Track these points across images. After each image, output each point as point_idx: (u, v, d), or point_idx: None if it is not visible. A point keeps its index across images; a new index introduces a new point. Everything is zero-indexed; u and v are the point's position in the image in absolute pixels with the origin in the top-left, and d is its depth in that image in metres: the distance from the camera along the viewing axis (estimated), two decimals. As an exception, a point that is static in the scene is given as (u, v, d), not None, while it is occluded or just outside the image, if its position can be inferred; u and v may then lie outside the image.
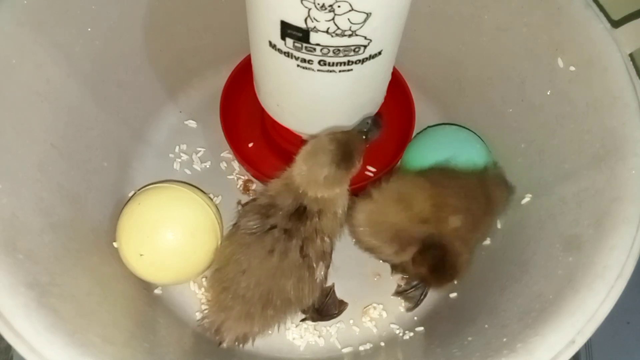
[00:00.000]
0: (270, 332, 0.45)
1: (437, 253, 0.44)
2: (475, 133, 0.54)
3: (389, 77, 0.44)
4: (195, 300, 0.51)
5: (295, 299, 0.43)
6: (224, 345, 0.44)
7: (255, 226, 0.43)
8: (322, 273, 0.45)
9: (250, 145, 0.57)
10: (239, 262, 0.43)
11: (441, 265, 0.44)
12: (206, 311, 0.46)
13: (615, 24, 0.44)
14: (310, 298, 0.45)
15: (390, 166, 0.55)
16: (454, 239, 0.44)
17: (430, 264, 0.44)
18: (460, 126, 0.56)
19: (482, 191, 0.47)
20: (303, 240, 0.43)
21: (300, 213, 0.43)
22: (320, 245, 0.44)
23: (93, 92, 0.49)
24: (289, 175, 0.44)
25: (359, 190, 0.56)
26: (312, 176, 0.42)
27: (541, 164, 0.48)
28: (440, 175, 0.47)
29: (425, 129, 0.57)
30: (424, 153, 0.53)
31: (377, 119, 0.45)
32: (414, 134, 0.56)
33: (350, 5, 0.32)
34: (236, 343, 0.45)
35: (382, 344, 0.50)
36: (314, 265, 0.43)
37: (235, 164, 0.57)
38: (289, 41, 0.36)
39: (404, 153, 0.55)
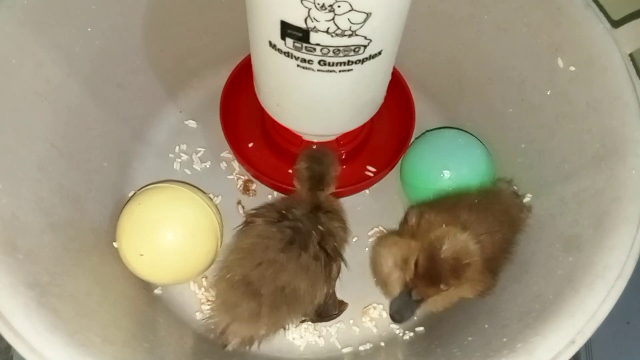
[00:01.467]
0: (275, 335, 0.45)
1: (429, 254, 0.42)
2: (475, 137, 0.54)
3: (389, 77, 0.44)
4: (195, 300, 0.51)
5: (307, 297, 0.42)
6: (229, 348, 0.43)
7: (272, 216, 0.43)
8: (335, 272, 0.45)
9: (250, 145, 0.57)
10: (252, 254, 0.42)
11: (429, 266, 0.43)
12: (211, 310, 0.45)
13: (615, 24, 0.44)
14: (319, 298, 0.44)
15: (390, 166, 0.55)
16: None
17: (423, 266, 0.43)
18: (460, 130, 0.55)
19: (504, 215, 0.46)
20: (321, 235, 0.43)
21: (318, 208, 0.44)
22: (332, 244, 0.44)
23: (93, 92, 0.49)
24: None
25: (359, 190, 0.56)
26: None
27: (541, 164, 0.48)
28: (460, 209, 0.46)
29: (423, 133, 0.57)
30: (423, 158, 0.53)
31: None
32: (413, 134, 0.56)
33: (350, 5, 0.32)
34: (241, 346, 0.43)
35: (382, 344, 0.50)
36: (331, 262, 0.43)
37: (235, 164, 0.57)
38: (289, 41, 0.36)
39: (403, 159, 0.55)
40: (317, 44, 0.35)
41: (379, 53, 0.38)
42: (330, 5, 0.32)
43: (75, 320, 0.37)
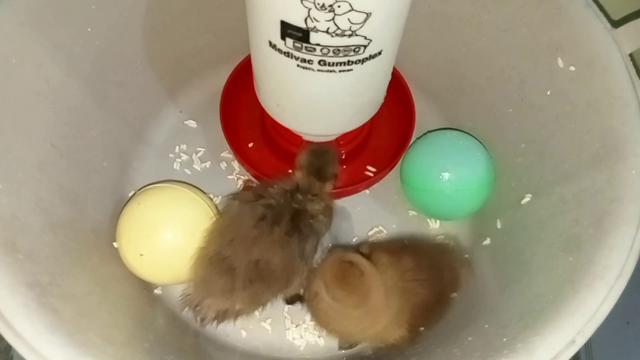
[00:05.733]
0: (252, 312, 0.45)
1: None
2: (476, 138, 0.54)
3: (389, 77, 0.44)
4: (195, 300, 0.51)
5: (282, 273, 0.43)
6: (205, 322, 0.43)
7: (249, 197, 0.44)
8: (309, 249, 0.45)
9: (250, 145, 0.57)
10: (226, 231, 0.43)
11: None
12: (188, 288, 0.46)
13: (615, 24, 0.44)
14: (299, 277, 0.44)
15: (390, 166, 0.55)
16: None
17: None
18: (461, 131, 0.55)
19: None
20: (294, 212, 0.43)
21: (295, 189, 0.44)
22: (307, 221, 0.44)
23: (93, 92, 0.49)
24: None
25: (359, 190, 0.56)
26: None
27: (541, 164, 0.48)
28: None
29: (425, 133, 0.57)
30: (423, 159, 0.53)
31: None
32: (414, 134, 0.56)
33: (350, 5, 0.32)
34: (216, 321, 0.44)
35: (382, 344, 0.50)
36: (305, 239, 0.44)
37: (235, 164, 0.57)
38: (289, 41, 0.36)
39: (403, 159, 0.55)
40: (317, 44, 0.35)
41: (379, 53, 0.38)
42: (330, 5, 0.32)
43: (75, 320, 0.37)
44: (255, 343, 0.50)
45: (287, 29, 0.35)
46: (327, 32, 0.34)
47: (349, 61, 0.37)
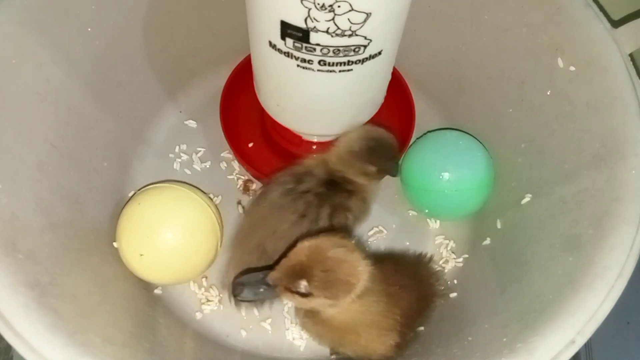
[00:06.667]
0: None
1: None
2: (476, 138, 0.54)
3: (389, 77, 0.44)
4: (195, 300, 0.51)
5: None
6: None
7: (289, 186, 0.44)
8: None
9: (250, 145, 0.57)
10: (269, 223, 0.44)
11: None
12: (227, 271, 0.47)
13: (615, 24, 0.44)
14: None
15: (390, 166, 0.55)
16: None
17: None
18: (461, 131, 0.55)
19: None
20: (332, 208, 0.44)
21: (332, 183, 0.45)
22: (344, 220, 0.45)
23: (93, 92, 0.49)
24: (325, 156, 0.47)
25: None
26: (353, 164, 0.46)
27: (541, 164, 0.48)
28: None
29: (425, 133, 0.57)
30: (423, 159, 0.53)
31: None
32: (414, 135, 0.56)
33: (350, 5, 0.32)
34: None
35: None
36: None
37: (235, 164, 0.57)
38: (289, 41, 0.36)
39: (404, 159, 0.55)
40: (317, 44, 0.35)
41: (379, 53, 0.38)
42: (330, 5, 0.32)
43: (75, 320, 0.37)
44: (255, 343, 0.50)
45: (287, 29, 0.35)
46: (327, 32, 0.34)
47: (349, 61, 0.37)
